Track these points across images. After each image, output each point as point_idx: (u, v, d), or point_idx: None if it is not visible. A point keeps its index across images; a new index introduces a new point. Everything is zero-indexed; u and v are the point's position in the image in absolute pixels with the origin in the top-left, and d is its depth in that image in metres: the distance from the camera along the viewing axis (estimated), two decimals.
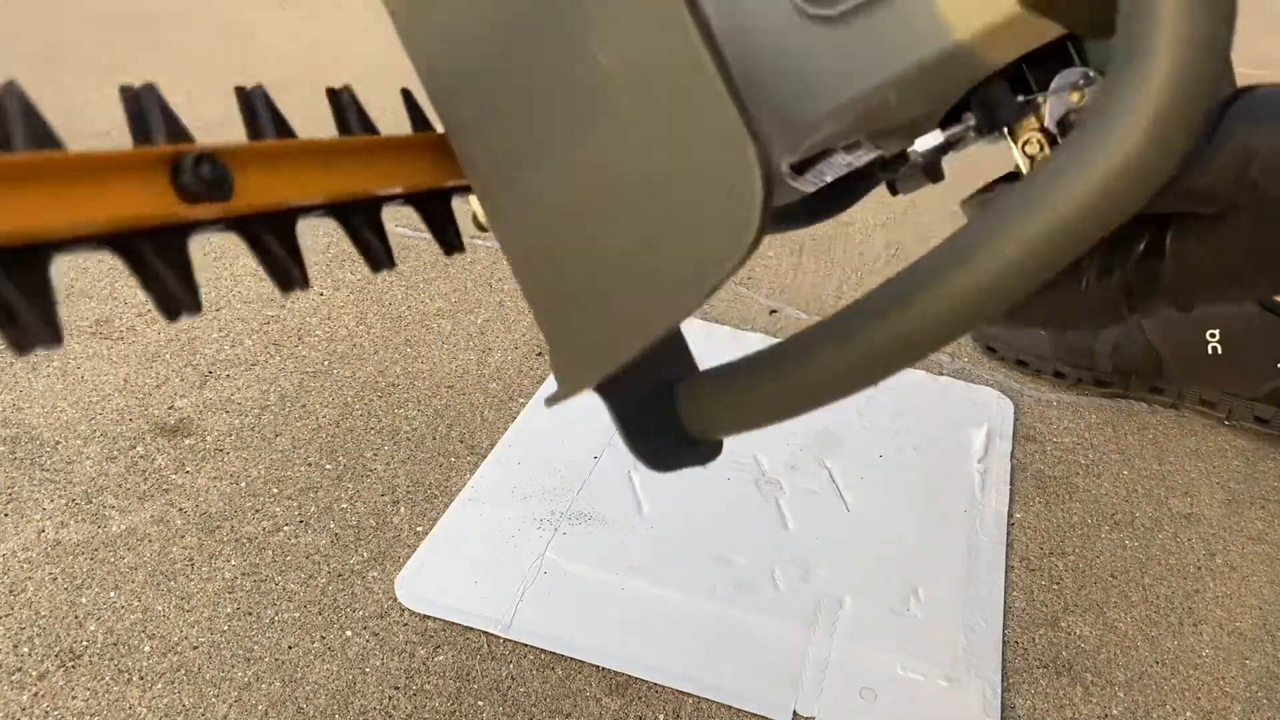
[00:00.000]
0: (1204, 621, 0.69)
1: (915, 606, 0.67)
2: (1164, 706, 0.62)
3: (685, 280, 0.26)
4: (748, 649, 0.63)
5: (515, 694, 0.60)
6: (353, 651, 0.62)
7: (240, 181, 0.27)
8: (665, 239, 0.27)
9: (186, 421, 0.82)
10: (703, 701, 0.60)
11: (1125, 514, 0.79)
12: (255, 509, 0.73)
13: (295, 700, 0.59)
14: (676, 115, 0.25)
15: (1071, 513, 0.78)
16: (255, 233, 0.29)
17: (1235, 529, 0.78)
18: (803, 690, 0.61)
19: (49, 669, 0.60)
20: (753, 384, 0.28)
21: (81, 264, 1.05)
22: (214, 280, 1.03)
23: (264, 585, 0.66)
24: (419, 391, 0.87)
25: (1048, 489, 0.81)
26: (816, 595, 0.67)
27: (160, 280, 0.26)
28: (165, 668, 0.60)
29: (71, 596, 0.65)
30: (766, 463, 0.79)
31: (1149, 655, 0.66)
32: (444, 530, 0.71)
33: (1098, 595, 0.70)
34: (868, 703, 0.60)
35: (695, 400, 0.30)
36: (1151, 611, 0.69)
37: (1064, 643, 0.66)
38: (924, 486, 0.79)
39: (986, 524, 0.75)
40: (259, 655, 0.61)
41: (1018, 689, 0.63)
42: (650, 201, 0.27)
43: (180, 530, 0.70)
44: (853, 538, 0.73)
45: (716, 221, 0.25)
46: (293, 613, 0.64)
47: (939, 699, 0.61)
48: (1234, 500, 0.81)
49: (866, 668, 0.62)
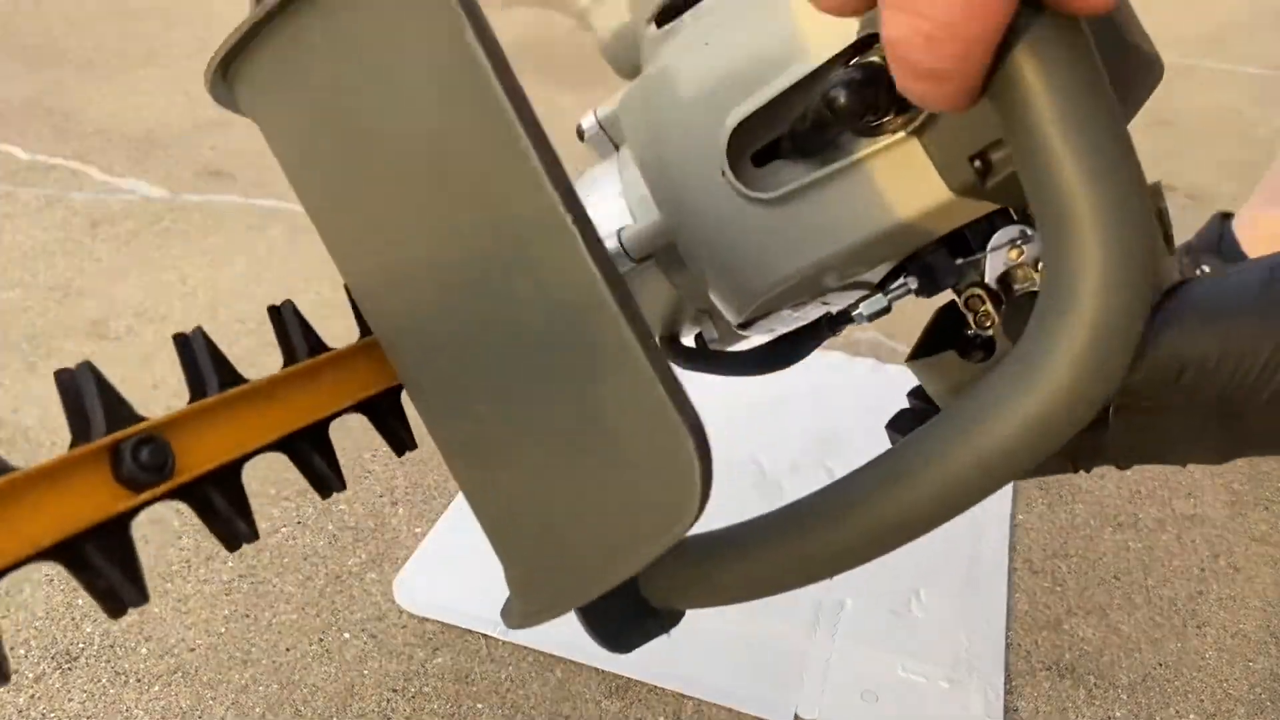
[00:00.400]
0: (1208, 623, 0.68)
1: (917, 608, 0.67)
2: (1167, 709, 0.62)
3: (623, 547, 0.26)
4: (748, 651, 0.63)
5: (514, 696, 0.59)
6: (351, 654, 0.62)
7: (182, 454, 0.27)
8: (609, 504, 0.27)
9: None
10: (703, 704, 0.60)
11: (1129, 515, 0.78)
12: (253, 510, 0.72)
13: (293, 702, 0.58)
14: (616, 404, 0.26)
15: (1074, 514, 0.78)
16: (200, 497, 0.28)
17: (1239, 530, 0.77)
18: (804, 692, 0.60)
19: (45, 670, 0.59)
20: (716, 563, 0.29)
21: (79, 264, 1.04)
22: (211, 280, 1.02)
23: (261, 587, 0.66)
24: None
25: (1051, 490, 0.80)
26: (817, 597, 0.67)
27: (104, 577, 0.24)
28: (162, 669, 0.60)
29: (68, 598, 0.64)
30: (767, 465, 0.78)
31: (1152, 657, 0.65)
32: (442, 531, 0.71)
33: (1101, 597, 0.70)
34: (869, 704, 0.60)
35: (660, 571, 0.30)
36: (1155, 613, 0.69)
37: (1067, 645, 0.66)
38: None
39: (989, 525, 0.75)
40: (256, 657, 0.61)
41: (1020, 691, 0.62)
42: (592, 468, 0.27)
43: (177, 532, 0.70)
44: None
45: (657, 500, 0.26)
46: (290, 615, 0.64)
47: (941, 701, 0.60)
48: (1238, 501, 0.81)
49: (868, 669, 0.62)
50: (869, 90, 0.29)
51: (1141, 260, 0.23)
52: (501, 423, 0.29)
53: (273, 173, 1.05)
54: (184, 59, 1.65)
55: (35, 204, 1.17)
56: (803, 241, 0.33)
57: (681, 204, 0.34)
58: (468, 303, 0.28)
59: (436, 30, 0.25)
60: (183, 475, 0.27)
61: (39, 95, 1.48)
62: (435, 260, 0.28)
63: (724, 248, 0.34)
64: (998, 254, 0.36)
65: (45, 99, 1.47)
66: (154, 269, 1.05)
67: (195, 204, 1.19)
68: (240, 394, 0.29)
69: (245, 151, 1.32)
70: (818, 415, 0.83)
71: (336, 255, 0.31)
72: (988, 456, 0.25)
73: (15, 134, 1.35)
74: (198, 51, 1.68)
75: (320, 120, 0.29)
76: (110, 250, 1.08)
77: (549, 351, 0.27)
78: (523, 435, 0.29)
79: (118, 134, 1.37)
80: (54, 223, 1.13)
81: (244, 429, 0.29)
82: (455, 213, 0.27)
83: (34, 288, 1.00)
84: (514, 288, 0.27)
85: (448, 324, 0.29)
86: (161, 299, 0.99)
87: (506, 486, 0.30)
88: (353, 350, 0.34)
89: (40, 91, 1.49)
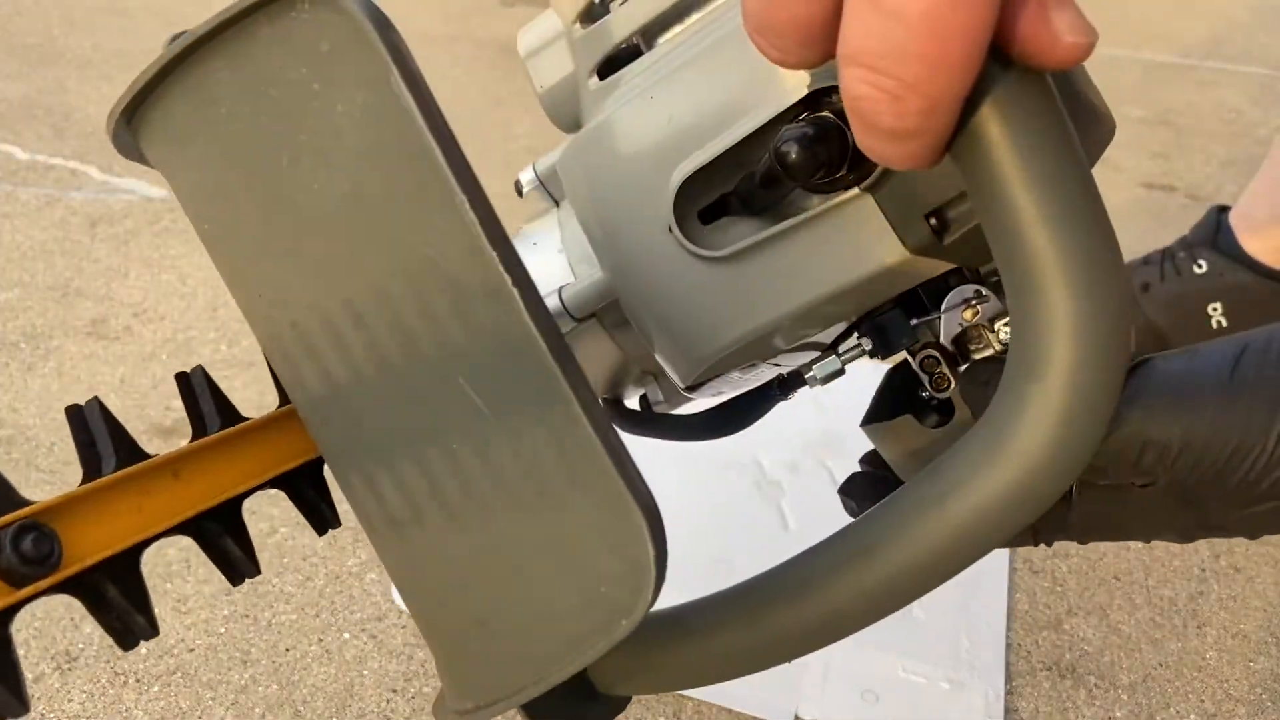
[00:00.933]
0: (1208, 624, 0.68)
1: (917, 608, 0.67)
2: (1168, 709, 0.62)
3: (570, 639, 0.25)
4: None
5: None
6: (350, 654, 0.62)
7: (71, 542, 0.24)
8: (554, 590, 0.25)
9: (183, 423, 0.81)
10: (703, 704, 0.60)
11: None
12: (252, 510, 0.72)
13: (293, 703, 0.58)
14: (560, 478, 0.24)
15: None
16: (91, 589, 0.25)
17: None
18: (804, 693, 0.60)
19: (45, 671, 0.59)
20: (667, 648, 0.28)
21: (78, 264, 1.04)
22: (211, 280, 1.02)
23: (261, 587, 0.66)
24: None
25: None
26: None
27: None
28: (162, 670, 0.60)
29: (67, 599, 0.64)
30: (767, 464, 0.78)
31: (1153, 658, 0.65)
32: None
33: (1101, 597, 0.70)
34: (869, 705, 0.60)
35: (607, 657, 0.27)
36: (1155, 614, 0.69)
37: (1067, 645, 0.66)
38: None
39: None
40: (256, 658, 0.61)
41: (1020, 691, 0.62)
42: (534, 549, 0.25)
43: None
44: None
45: (607, 587, 0.24)
46: (290, 615, 0.64)
47: (941, 701, 0.60)
48: None
49: (868, 670, 0.62)
50: (822, 146, 0.28)
51: (1116, 325, 0.22)
52: (433, 498, 0.27)
53: None
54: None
55: (34, 204, 1.17)
56: (754, 301, 0.32)
57: (625, 261, 0.33)
58: (397, 367, 0.26)
59: (361, 77, 0.23)
60: (72, 566, 0.24)
61: (38, 95, 1.48)
62: (361, 321, 0.26)
63: (670, 307, 0.33)
64: (953, 314, 0.35)
65: (44, 98, 1.46)
66: (153, 269, 1.05)
67: None
68: (140, 472, 0.26)
69: None
70: (818, 415, 0.83)
71: (253, 317, 0.29)
72: (960, 531, 0.24)
73: (14, 134, 1.35)
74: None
75: (233, 173, 0.27)
76: (109, 250, 1.08)
77: (485, 419, 0.25)
78: (457, 512, 0.26)
79: None
80: (53, 222, 1.13)
81: (144, 512, 0.26)
82: (383, 271, 0.25)
83: (33, 287, 1.00)
84: (448, 351, 0.25)
85: (375, 390, 0.26)
86: (161, 299, 0.99)
87: (438, 569, 0.28)
88: (271, 419, 0.30)
89: (39, 91, 1.49)
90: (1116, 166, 1.46)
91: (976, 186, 0.22)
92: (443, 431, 0.26)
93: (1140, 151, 1.53)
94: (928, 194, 0.29)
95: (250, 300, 0.29)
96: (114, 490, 0.26)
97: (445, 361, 0.25)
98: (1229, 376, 0.30)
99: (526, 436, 0.24)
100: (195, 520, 0.28)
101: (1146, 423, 0.30)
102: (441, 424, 0.25)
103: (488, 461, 0.25)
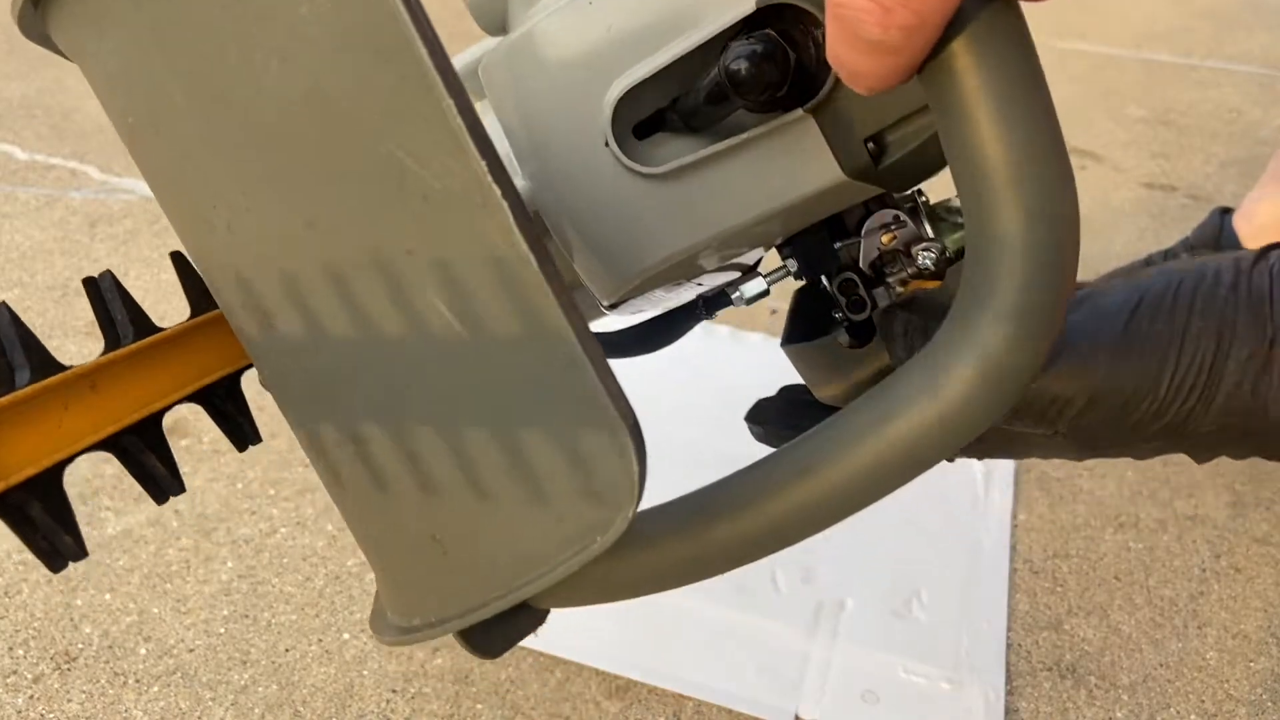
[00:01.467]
0: (1208, 624, 0.68)
1: (918, 609, 0.67)
2: (1168, 709, 0.62)
3: (543, 557, 0.24)
4: (749, 652, 0.63)
5: (514, 697, 0.59)
6: (350, 654, 0.61)
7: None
8: (528, 512, 0.24)
9: (182, 422, 0.81)
10: (703, 705, 0.59)
11: (1129, 516, 0.78)
12: (252, 510, 0.72)
13: (292, 703, 0.58)
14: (542, 393, 0.23)
15: (1075, 514, 0.78)
16: (14, 510, 0.24)
17: (1240, 531, 0.77)
18: (804, 693, 0.60)
19: (44, 671, 0.59)
20: (612, 557, 0.26)
21: (77, 263, 1.04)
22: None
23: (261, 587, 0.66)
24: None
25: (1052, 490, 0.80)
26: (818, 598, 0.67)
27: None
28: (161, 670, 0.60)
29: (67, 599, 0.64)
30: None
31: (1153, 658, 0.65)
32: None
33: (1102, 597, 0.70)
34: (870, 705, 0.60)
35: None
36: (1156, 614, 0.69)
37: (1067, 645, 0.66)
38: (927, 488, 0.78)
39: (990, 526, 0.75)
40: (256, 658, 0.61)
41: (1021, 692, 0.62)
42: (511, 463, 0.24)
43: (176, 532, 0.70)
44: (854, 540, 0.72)
45: (585, 504, 0.24)
46: (290, 615, 0.64)
47: (942, 702, 0.60)
48: (1239, 502, 0.81)
49: (868, 670, 0.62)
50: (771, 64, 0.28)
51: (1065, 254, 0.23)
52: (396, 414, 0.25)
53: None
54: None
55: (34, 203, 1.17)
56: (689, 219, 0.32)
57: (552, 173, 0.32)
58: (366, 281, 0.24)
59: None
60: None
61: (37, 95, 1.48)
62: (326, 232, 0.24)
63: (599, 223, 0.32)
64: (871, 239, 0.35)
65: (44, 98, 1.46)
66: (153, 268, 1.05)
67: None
68: (57, 384, 0.25)
69: None
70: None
71: (181, 225, 0.27)
72: (898, 452, 0.25)
73: (13, 133, 1.35)
74: None
75: (167, 63, 0.23)
76: (109, 250, 1.08)
77: (458, 332, 0.23)
78: (427, 430, 0.25)
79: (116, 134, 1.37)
80: (52, 222, 1.13)
81: (64, 428, 0.25)
82: (348, 178, 0.23)
83: (32, 287, 1.00)
84: (421, 261, 0.23)
85: (339, 303, 0.25)
86: (161, 298, 0.99)
87: (398, 485, 0.26)
88: (187, 329, 0.29)
89: (39, 91, 1.49)
90: (1117, 166, 1.46)
91: (945, 109, 0.23)
92: (414, 343, 0.24)
93: (1141, 151, 1.53)
94: (868, 119, 0.30)
95: (181, 205, 0.26)
96: (32, 405, 0.24)
97: (418, 273, 0.23)
98: (1123, 328, 0.31)
99: (505, 348, 0.23)
100: (116, 436, 0.27)
101: (1050, 379, 0.31)
102: (414, 336, 0.24)
103: (462, 372, 0.24)
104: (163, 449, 0.29)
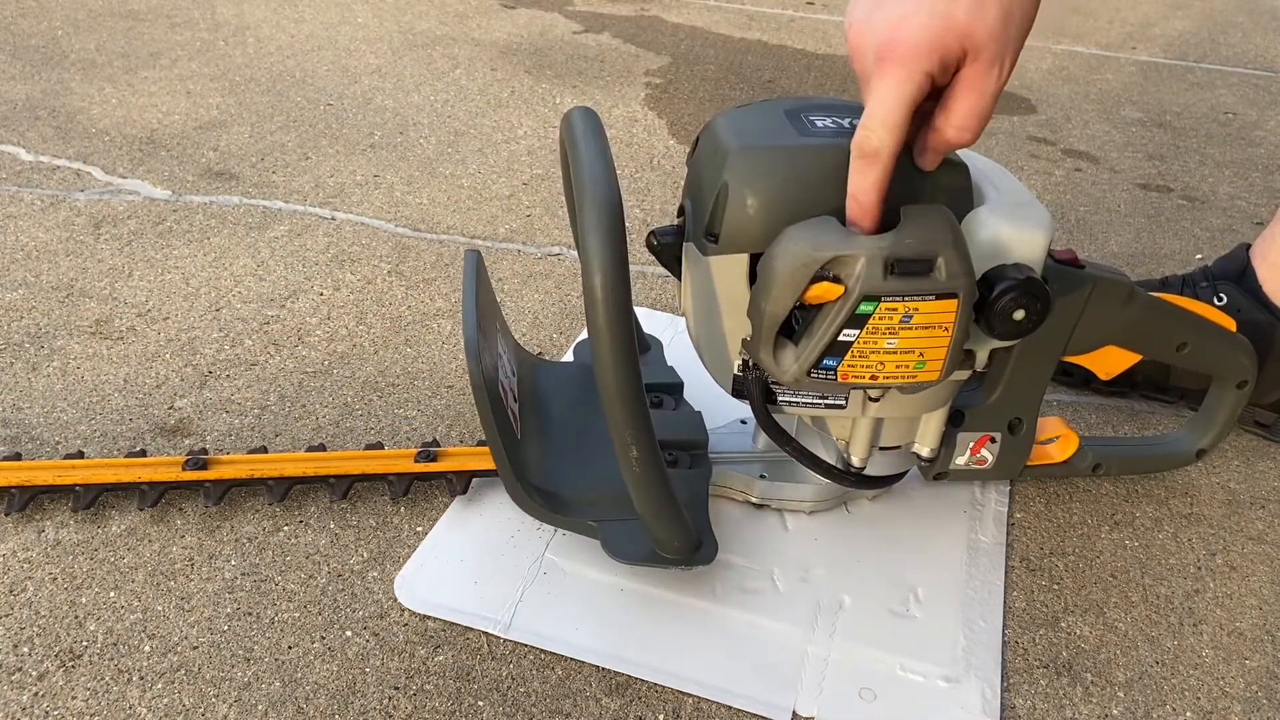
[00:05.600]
0: (1204, 621, 0.69)
1: (915, 607, 0.67)
2: (1164, 706, 0.62)
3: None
4: (747, 649, 0.63)
5: (515, 694, 0.60)
6: (353, 651, 0.62)
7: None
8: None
9: (186, 421, 0.82)
10: (702, 701, 0.60)
11: (1125, 514, 0.79)
12: (255, 509, 0.73)
13: (295, 700, 0.59)
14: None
15: (1072, 512, 0.78)
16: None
17: (1235, 529, 0.78)
18: (802, 690, 0.60)
19: (49, 669, 0.60)
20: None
21: (82, 264, 1.05)
22: (214, 280, 1.03)
23: (264, 585, 0.66)
24: (419, 391, 0.87)
25: (1048, 489, 0.81)
26: (816, 595, 0.67)
27: None
28: (165, 668, 0.60)
29: (71, 596, 0.65)
30: None
31: (1149, 655, 0.66)
32: (444, 530, 0.71)
33: (1098, 595, 0.70)
34: (867, 703, 0.60)
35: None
36: (1151, 611, 0.69)
37: (1064, 643, 0.66)
38: (924, 487, 0.79)
39: (986, 524, 0.75)
40: (259, 655, 0.61)
41: (1017, 689, 0.62)
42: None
43: (180, 530, 0.70)
44: (852, 538, 0.73)
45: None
46: (292, 613, 0.64)
47: (938, 699, 0.61)
48: (1234, 500, 0.81)
49: (866, 668, 0.62)
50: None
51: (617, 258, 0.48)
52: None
53: (275, 173, 1.07)
54: (187, 60, 1.66)
55: (38, 204, 1.18)
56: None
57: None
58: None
59: None
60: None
61: (42, 96, 1.48)
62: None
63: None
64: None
65: (48, 100, 1.47)
66: (157, 269, 1.05)
67: (198, 204, 1.19)
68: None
69: (247, 152, 1.33)
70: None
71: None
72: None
73: (18, 135, 1.35)
74: (200, 53, 1.68)
75: None
76: (113, 250, 1.09)
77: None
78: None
79: (120, 135, 1.37)
80: (57, 223, 1.14)
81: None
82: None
83: (37, 288, 1.01)
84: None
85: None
86: (165, 299, 1.00)
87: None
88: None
89: (43, 93, 1.50)
90: (1113, 167, 1.46)
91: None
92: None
93: (1136, 152, 1.53)
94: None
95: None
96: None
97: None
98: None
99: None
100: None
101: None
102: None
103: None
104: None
